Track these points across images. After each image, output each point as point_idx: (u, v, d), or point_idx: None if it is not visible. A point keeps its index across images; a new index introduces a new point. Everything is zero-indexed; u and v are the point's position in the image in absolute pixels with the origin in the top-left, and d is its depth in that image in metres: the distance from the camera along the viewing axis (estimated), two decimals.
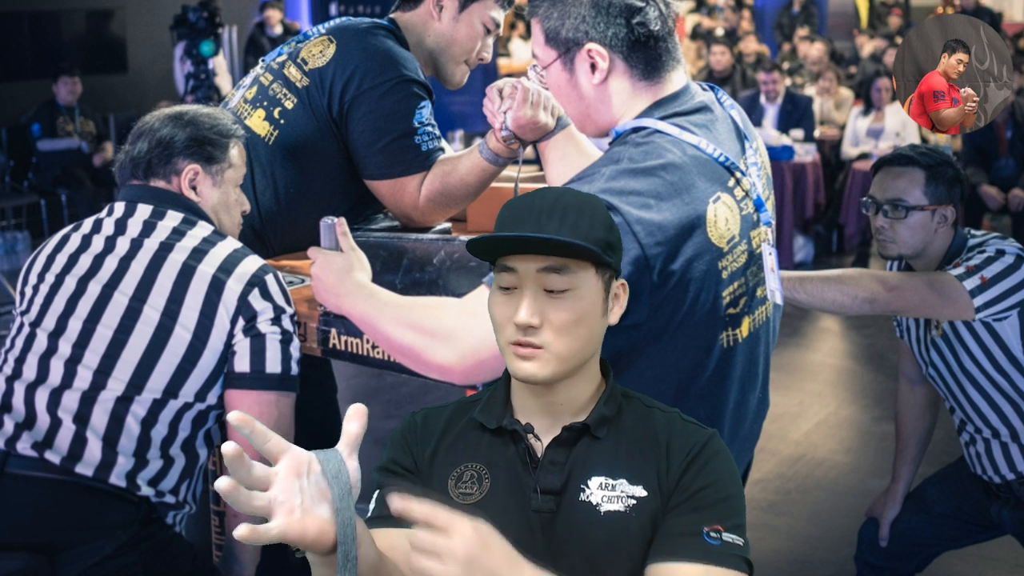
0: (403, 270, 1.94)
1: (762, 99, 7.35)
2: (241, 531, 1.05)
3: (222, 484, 1.05)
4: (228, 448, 1.06)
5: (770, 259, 1.68)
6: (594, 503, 1.28)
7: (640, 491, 1.28)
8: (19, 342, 1.94)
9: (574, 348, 1.30)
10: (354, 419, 1.18)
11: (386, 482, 1.37)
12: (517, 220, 1.29)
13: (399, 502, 1.13)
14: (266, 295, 1.93)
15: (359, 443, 1.18)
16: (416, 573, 1.12)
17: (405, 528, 1.17)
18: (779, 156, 6.72)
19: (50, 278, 1.96)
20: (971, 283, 2.25)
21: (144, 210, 1.99)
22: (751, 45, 9.76)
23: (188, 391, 1.90)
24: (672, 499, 1.28)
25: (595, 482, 1.29)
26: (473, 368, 1.59)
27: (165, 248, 1.94)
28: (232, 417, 1.08)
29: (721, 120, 1.72)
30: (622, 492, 1.29)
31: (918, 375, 2.64)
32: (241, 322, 1.91)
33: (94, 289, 1.92)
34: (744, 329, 1.66)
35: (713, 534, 1.24)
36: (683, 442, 1.31)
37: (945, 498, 2.62)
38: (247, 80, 2.42)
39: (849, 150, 7.39)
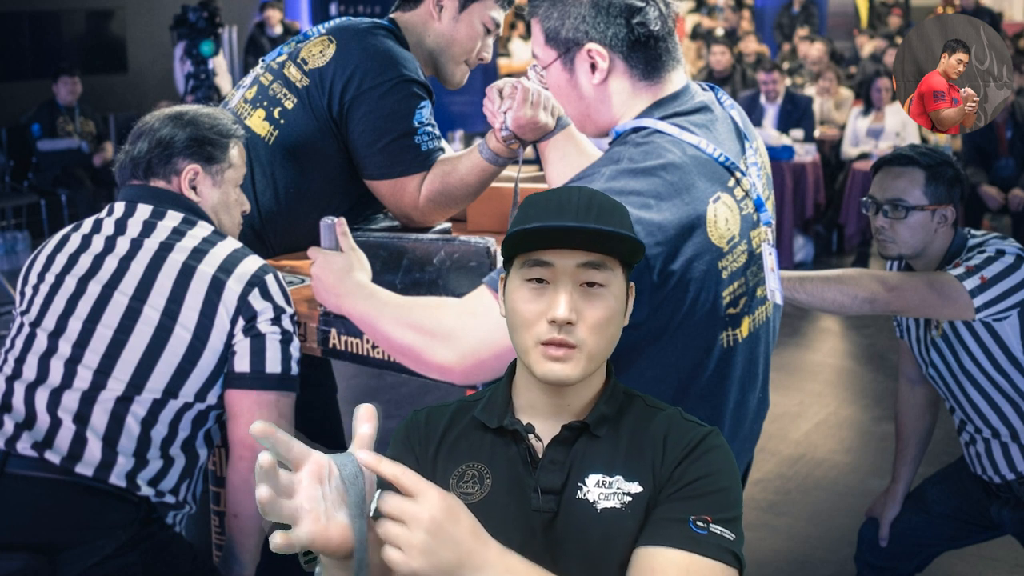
0: (403, 270, 1.94)
1: (762, 99, 7.35)
2: (277, 540, 1.07)
3: (263, 494, 1.06)
4: (264, 459, 1.07)
5: (770, 259, 1.68)
6: (591, 501, 1.28)
7: (636, 487, 1.28)
8: (19, 342, 1.94)
9: (603, 347, 1.29)
10: (365, 421, 1.18)
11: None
12: (555, 213, 1.27)
13: (370, 459, 1.12)
14: (266, 295, 1.93)
15: (372, 445, 1.17)
16: (383, 537, 1.11)
17: None
18: (779, 156, 6.72)
19: (50, 278, 1.96)
20: (971, 283, 2.25)
21: (144, 210, 1.99)
22: (751, 45, 9.76)
23: (188, 391, 1.90)
24: (664, 491, 1.27)
25: (592, 480, 1.29)
26: (473, 368, 1.59)
27: (165, 248, 1.94)
28: (255, 429, 1.09)
29: (721, 120, 1.72)
30: (618, 489, 1.28)
31: (918, 375, 2.64)
32: (241, 322, 1.91)
33: (94, 289, 1.92)
34: (744, 329, 1.66)
35: (700, 523, 1.23)
36: (681, 437, 1.31)
37: (945, 498, 2.62)
38: (247, 80, 2.42)
39: (849, 150, 7.39)
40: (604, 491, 1.28)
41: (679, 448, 1.29)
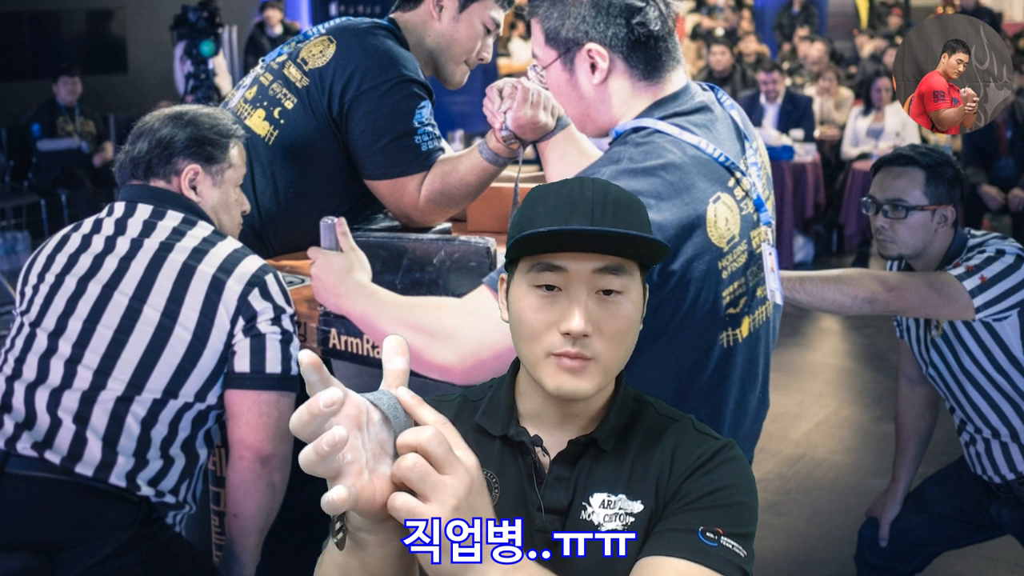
0: (403, 270, 1.94)
1: (762, 99, 7.35)
2: (331, 497, 0.91)
3: (339, 433, 0.90)
4: (335, 394, 0.92)
5: (770, 259, 1.68)
6: (595, 523, 1.22)
7: (637, 506, 1.22)
8: (19, 342, 1.94)
9: (620, 358, 1.20)
10: (397, 354, 1.02)
11: None
12: (566, 210, 1.16)
13: (410, 400, 1.00)
14: (266, 295, 1.93)
15: (407, 381, 1.03)
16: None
17: None
18: (779, 156, 6.72)
19: (50, 278, 1.96)
20: (971, 283, 2.25)
21: (144, 210, 1.99)
22: (751, 45, 9.75)
23: (188, 391, 1.90)
24: (669, 506, 1.21)
25: (597, 499, 1.23)
26: (473, 368, 1.58)
27: (165, 248, 1.94)
28: (303, 356, 0.93)
29: (721, 120, 1.72)
30: (620, 509, 1.22)
31: (918, 375, 2.64)
32: (241, 322, 1.91)
33: (94, 289, 1.92)
34: (744, 329, 1.66)
35: (710, 535, 1.15)
36: (691, 451, 1.24)
37: (945, 498, 2.62)
38: (247, 80, 2.42)
39: (849, 150, 7.39)
40: (608, 512, 1.23)
41: (688, 462, 1.22)
